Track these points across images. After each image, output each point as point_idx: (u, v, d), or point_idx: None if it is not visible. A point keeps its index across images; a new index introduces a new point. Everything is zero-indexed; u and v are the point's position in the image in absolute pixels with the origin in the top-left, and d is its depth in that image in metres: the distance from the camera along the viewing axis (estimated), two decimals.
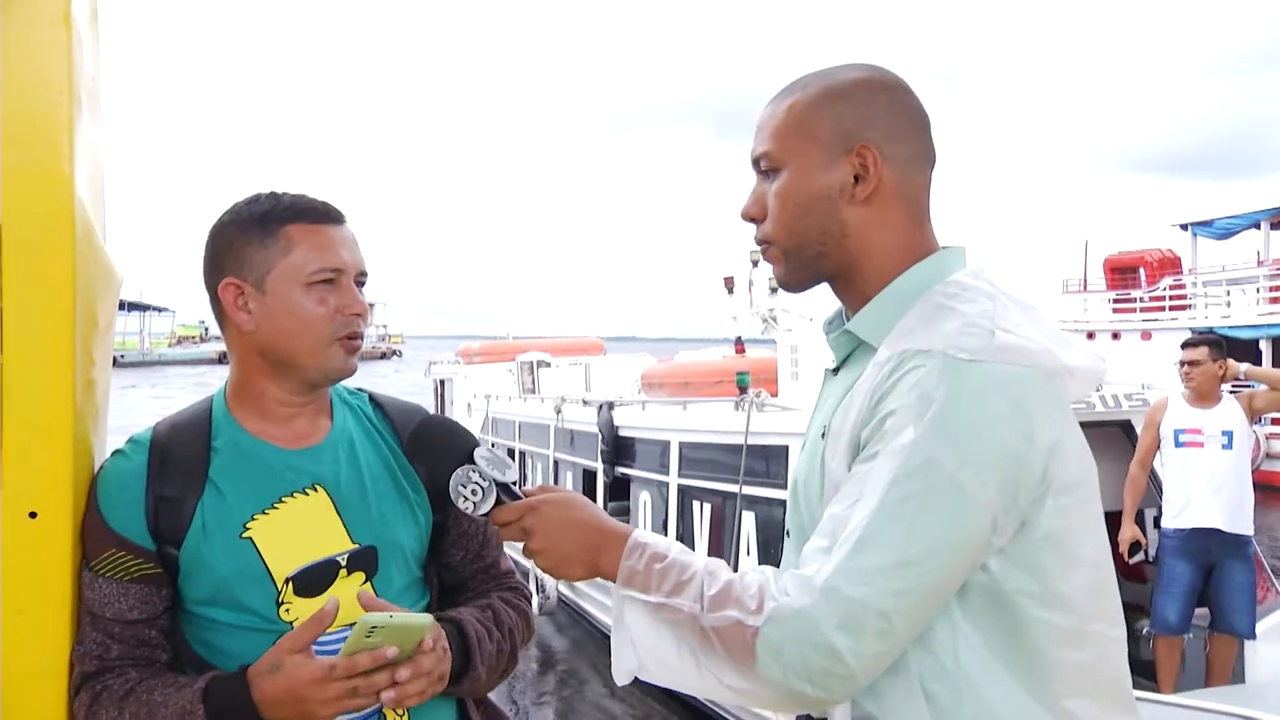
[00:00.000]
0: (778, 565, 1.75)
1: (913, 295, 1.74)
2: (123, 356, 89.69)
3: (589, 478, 12.75)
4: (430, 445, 1.97)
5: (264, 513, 2.04)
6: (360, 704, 1.86)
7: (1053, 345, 1.67)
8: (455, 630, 2.08)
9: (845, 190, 1.78)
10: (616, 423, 11.83)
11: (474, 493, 1.85)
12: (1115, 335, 30.28)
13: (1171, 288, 31.27)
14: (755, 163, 1.86)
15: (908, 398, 1.59)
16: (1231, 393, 7.47)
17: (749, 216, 1.88)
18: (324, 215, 2.09)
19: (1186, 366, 7.29)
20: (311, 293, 2.04)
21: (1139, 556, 7.22)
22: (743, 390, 9.68)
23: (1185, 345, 7.41)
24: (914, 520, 1.55)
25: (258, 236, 2.05)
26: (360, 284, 2.10)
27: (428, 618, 1.89)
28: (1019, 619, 1.62)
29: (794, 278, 1.86)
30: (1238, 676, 7.19)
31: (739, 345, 16.72)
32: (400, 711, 2.06)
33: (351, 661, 1.82)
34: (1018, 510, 1.59)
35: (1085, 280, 37.47)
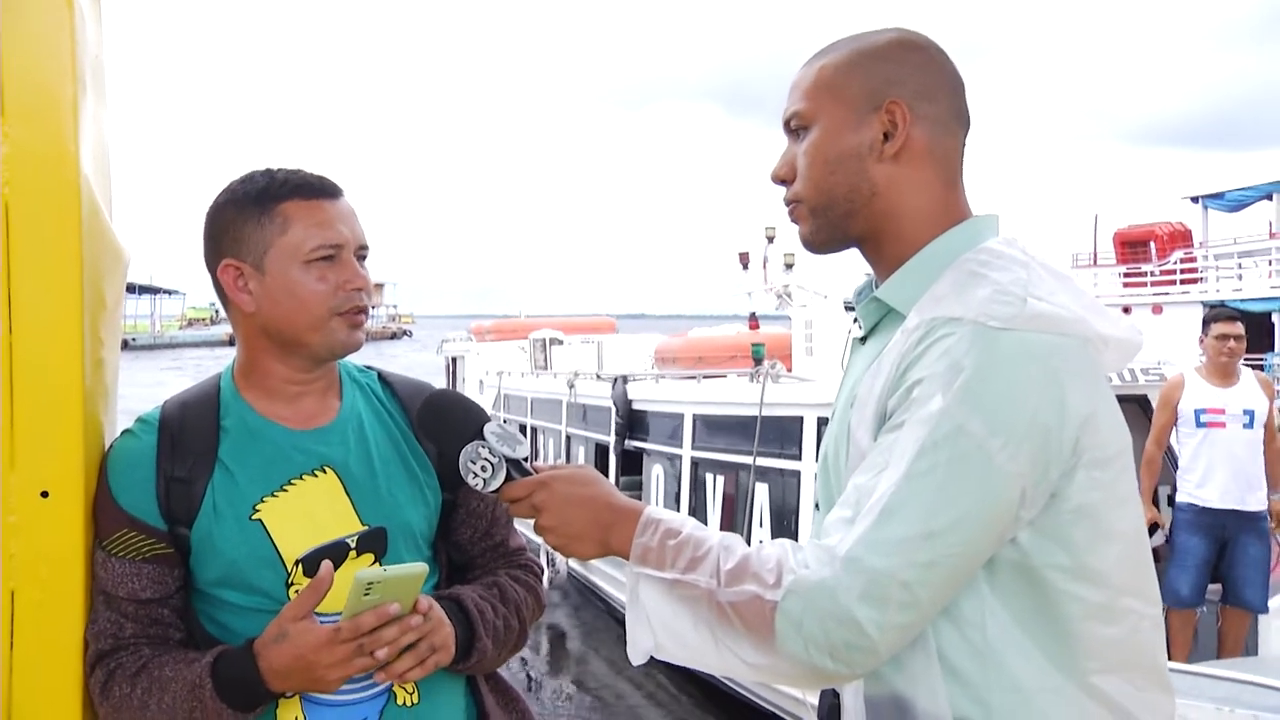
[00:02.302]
0: (793, 537, 1.73)
1: (944, 262, 1.71)
2: (134, 340, 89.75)
3: (601, 452, 12.78)
4: (439, 419, 1.95)
5: (273, 495, 2.02)
6: (367, 664, 1.85)
7: (1088, 314, 1.63)
8: (454, 605, 2.06)
9: (874, 147, 1.74)
10: (630, 396, 11.85)
11: (484, 469, 1.82)
12: (1126, 309, 30.11)
13: (1182, 261, 31.11)
14: (786, 124, 1.83)
15: (936, 366, 1.56)
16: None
17: (778, 178, 1.85)
18: (320, 190, 2.05)
19: (1231, 341, 7.14)
20: (311, 270, 2.01)
21: (1158, 538, 7.13)
22: (758, 362, 9.69)
23: (1219, 319, 7.24)
24: (941, 490, 1.52)
25: (254, 216, 2.02)
26: (361, 258, 2.07)
27: (422, 565, 1.88)
28: (1048, 593, 1.60)
29: (820, 237, 1.82)
30: (1250, 650, 7.19)
31: (753, 321, 16.72)
32: (410, 688, 2.05)
33: (356, 623, 1.82)
34: (1048, 482, 1.56)
35: (1095, 254, 37.30)
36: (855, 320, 1.90)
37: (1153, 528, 7.16)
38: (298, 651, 1.84)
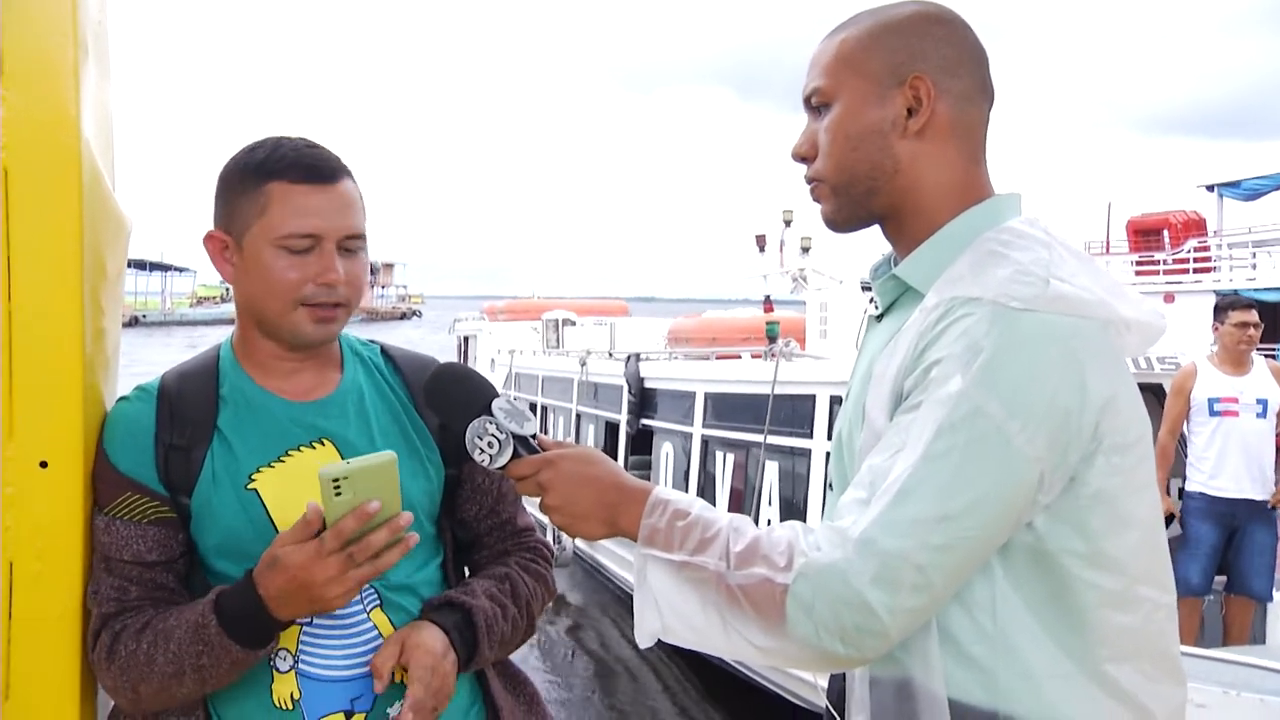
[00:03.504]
0: (800, 516, 1.70)
1: (964, 241, 1.68)
2: (144, 317, 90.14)
3: (612, 430, 12.81)
4: (446, 392, 1.90)
5: (270, 465, 2.01)
6: (365, 574, 1.80)
7: (1110, 297, 1.60)
8: (464, 619, 2.03)
9: (898, 123, 1.71)
10: (643, 374, 11.87)
11: (490, 445, 1.79)
12: None
13: (1196, 250, 31.02)
14: (806, 100, 1.80)
15: (955, 346, 1.53)
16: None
17: (799, 155, 1.82)
18: (310, 173, 1.98)
19: (1251, 329, 7.12)
20: (281, 256, 1.96)
21: (1173, 529, 7.11)
22: (772, 340, 9.69)
23: (1237, 306, 7.21)
24: (958, 472, 1.49)
25: (240, 189, 1.98)
26: (350, 249, 2.01)
27: (389, 452, 1.83)
28: (1063, 579, 1.57)
29: (841, 215, 1.80)
30: (1256, 639, 7.18)
31: (768, 304, 16.76)
32: None
33: (337, 529, 1.76)
34: (1067, 466, 1.54)
35: (1108, 242, 37.26)
36: (871, 299, 1.87)
37: (1168, 518, 7.13)
38: (290, 573, 1.79)
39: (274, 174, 1.97)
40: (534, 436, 1.83)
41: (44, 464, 1.94)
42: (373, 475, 1.78)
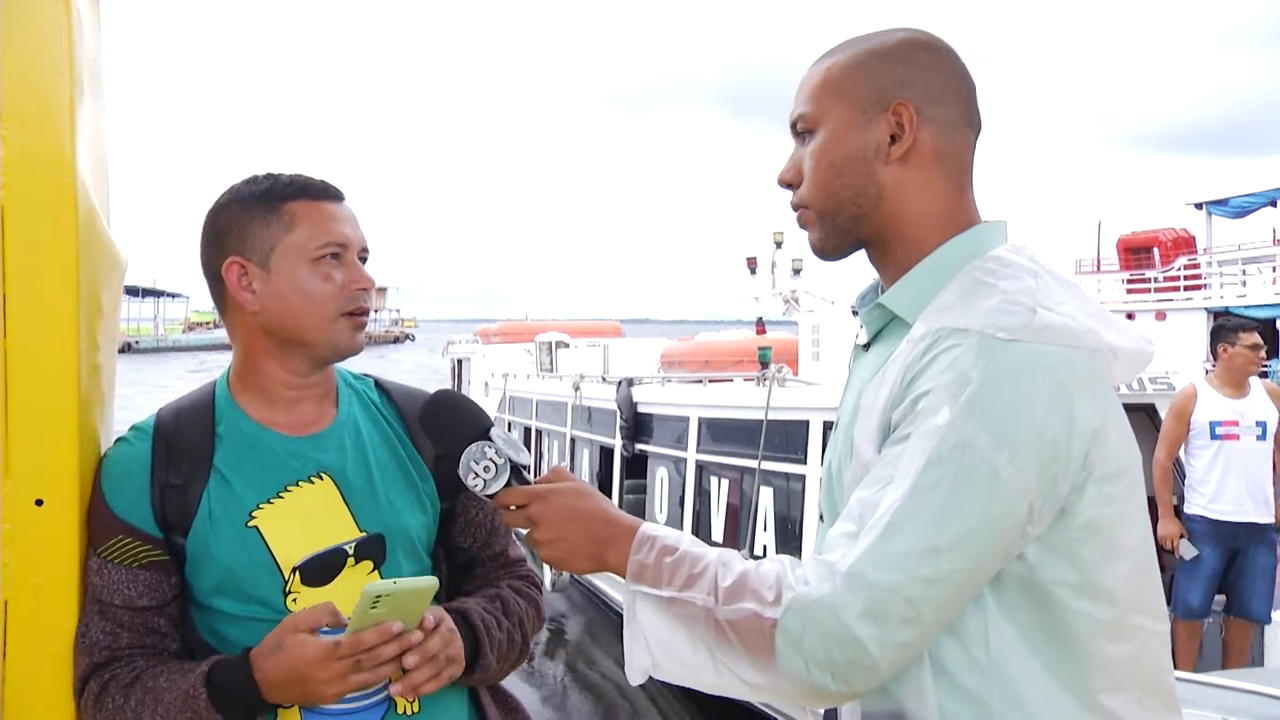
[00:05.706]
0: (796, 541, 1.70)
1: (951, 269, 1.67)
2: (137, 343, 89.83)
3: (606, 455, 12.78)
4: (443, 417, 1.91)
5: (270, 501, 2.01)
6: (365, 679, 1.83)
7: (1097, 325, 1.60)
8: (461, 619, 2.04)
9: (880, 150, 1.71)
10: (636, 399, 11.86)
11: (486, 470, 1.78)
12: (1130, 316, 30.03)
13: (1186, 267, 31.09)
14: (792, 126, 1.80)
15: (942, 378, 1.53)
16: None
17: (785, 181, 1.81)
18: (324, 192, 2.08)
19: (1263, 352, 7.13)
20: (317, 269, 2.02)
21: (1188, 549, 7.09)
22: (764, 365, 9.69)
23: (1246, 329, 7.21)
24: (947, 505, 1.49)
25: (260, 214, 2.03)
26: (363, 260, 2.09)
27: (432, 579, 1.87)
28: (1056, 610, 1.56)
29: (829, 243, 1.79)
30: (1255, 661, 7.16)
31: (760, 326, 16.75)
32: (411, 698, 2.02)
33: (357, 639, 1.79)
34: (1056, 497, 1.53)
35: (1099, 261, 37.37)
36: (861, 325, 1.87)
37: (1179, 539, 7.10)
38: (293, 664, 1.81)
39: (292, 195, 2.05)
40: (527, 468, 1.83)
41: (39, 502, 1.94)
42: (410, 598, 1.82)
